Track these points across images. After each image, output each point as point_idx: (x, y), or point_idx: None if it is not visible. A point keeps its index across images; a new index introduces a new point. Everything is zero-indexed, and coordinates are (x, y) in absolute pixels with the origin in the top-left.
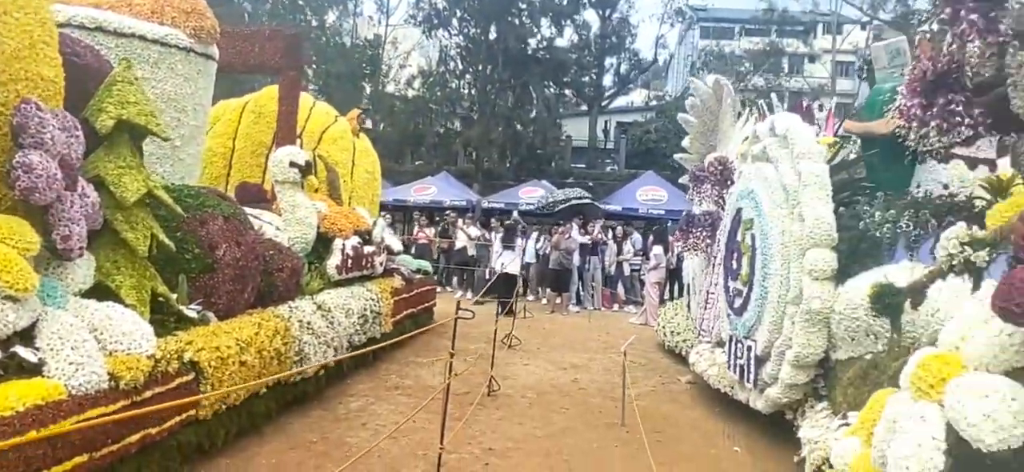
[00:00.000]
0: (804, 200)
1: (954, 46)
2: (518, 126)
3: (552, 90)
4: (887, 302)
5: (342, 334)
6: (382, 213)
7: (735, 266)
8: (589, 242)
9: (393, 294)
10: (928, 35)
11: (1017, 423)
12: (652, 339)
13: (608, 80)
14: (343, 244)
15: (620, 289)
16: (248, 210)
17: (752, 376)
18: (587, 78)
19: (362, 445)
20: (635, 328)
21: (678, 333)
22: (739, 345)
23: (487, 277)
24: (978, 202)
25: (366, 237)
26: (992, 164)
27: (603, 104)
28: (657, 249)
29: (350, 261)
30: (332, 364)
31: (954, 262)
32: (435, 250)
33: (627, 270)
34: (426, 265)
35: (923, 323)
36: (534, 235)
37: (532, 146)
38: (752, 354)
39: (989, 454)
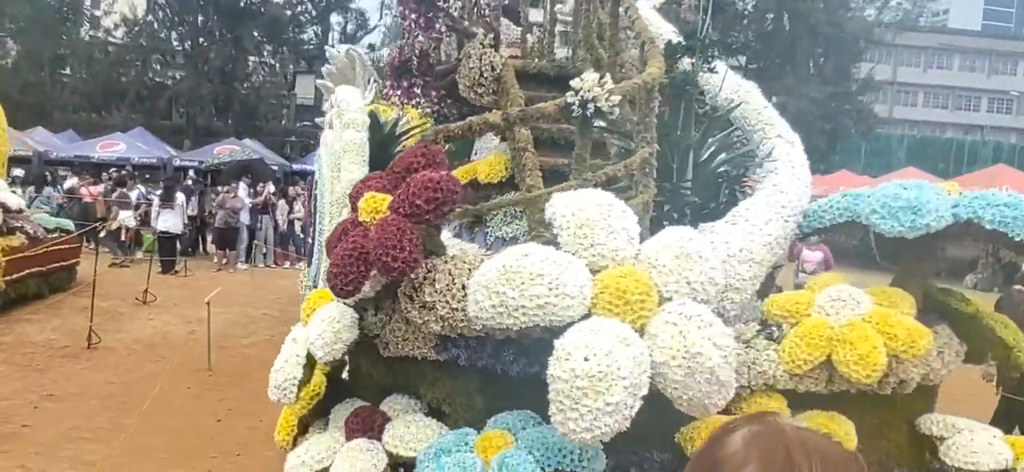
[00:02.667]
0: (343, 164)
1: (410, 39)
2: (235, 83)
3: (269, 46)
4: None
5: None
6: (50, 169)
7: (313, 223)
8: (259, 202)
9: (5, 252)
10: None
11: (337, 340)
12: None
13: (336, 39)
14: None
15: (292, 247)
16: None
17: None
18: (309, 35)
19: None
20: (290, 283)
21: (309, 286)
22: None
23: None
24: None
25: None
26: None
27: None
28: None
29: None
30: None
31: None
32: (101, 209)
33: (298, 228)
34: (67, 224)
35: None
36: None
37: (247, 103)
38: None
39: (325, 363)
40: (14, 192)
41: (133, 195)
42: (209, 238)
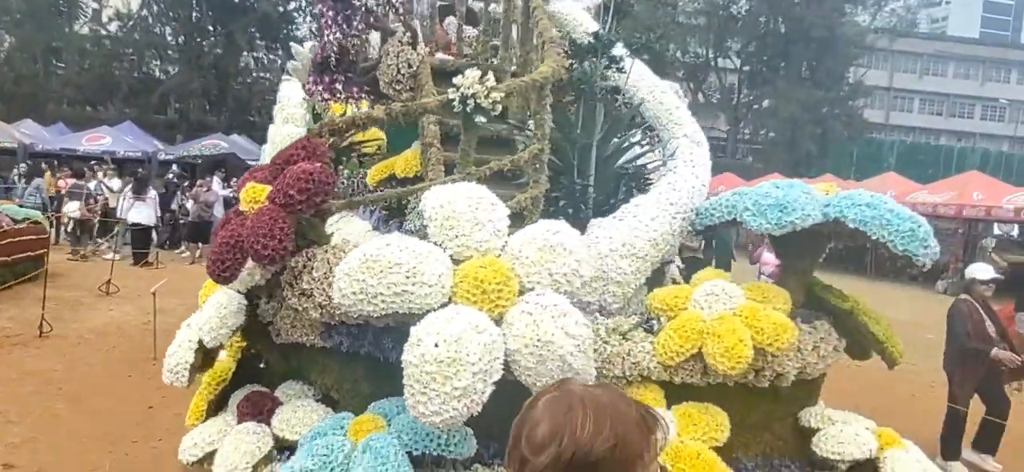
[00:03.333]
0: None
1: (329, 35)
2: (228, 78)
3: (262, 41)
4: None
5: None
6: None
7: None
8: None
9: None
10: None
11: (222, 326)
12: None
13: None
14: None
15: None
16: None
17: None
18: (304, 32)
19: None
20: None
21: None
22: None
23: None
24: None
25: None
26: None
27: None
28: None
29: None
30: None
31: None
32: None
33: None
34: (36, 214)
35: None
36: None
37: (240, 99)
38: None
39: (211, 348)
40: None
41: (91, 186)
42: None
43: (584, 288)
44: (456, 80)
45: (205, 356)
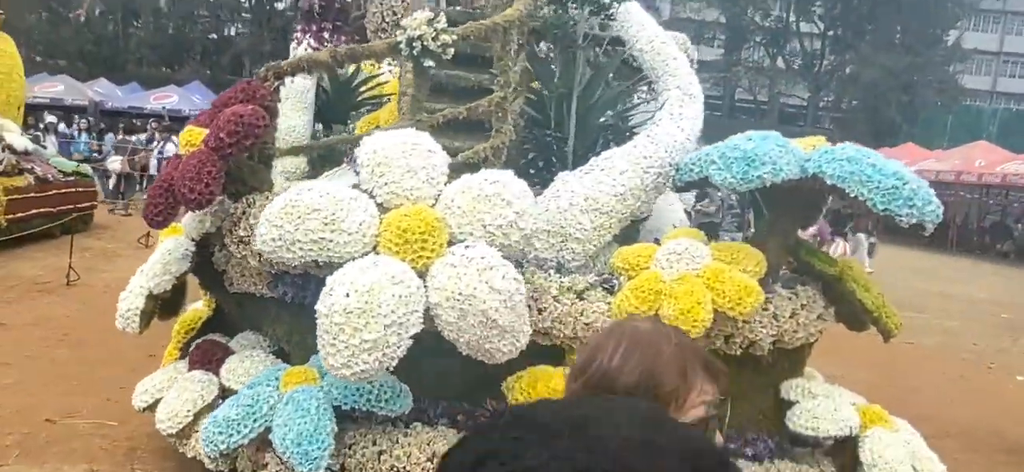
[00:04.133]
0: (283, 110)
1: None
2: None
3: None
4: None
5: None
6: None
7: None
8: None
9: (7, 191)
10: None
11: (165, 272)
12: None
13: None
14: None
15: None
16: None
17: None
18: None
19: None
20: None
21: None
22: None
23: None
24: None
25: None
26: None
27: None
28: None
29: None
30: None
31: None
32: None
33: None
34: (85, 168)
35: None
36: None
37: None
38: None
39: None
40: (35, 137)
41: (133, 139)
42: None
43: (525, 241)
44: (404, 21)
45: (161, 305)
